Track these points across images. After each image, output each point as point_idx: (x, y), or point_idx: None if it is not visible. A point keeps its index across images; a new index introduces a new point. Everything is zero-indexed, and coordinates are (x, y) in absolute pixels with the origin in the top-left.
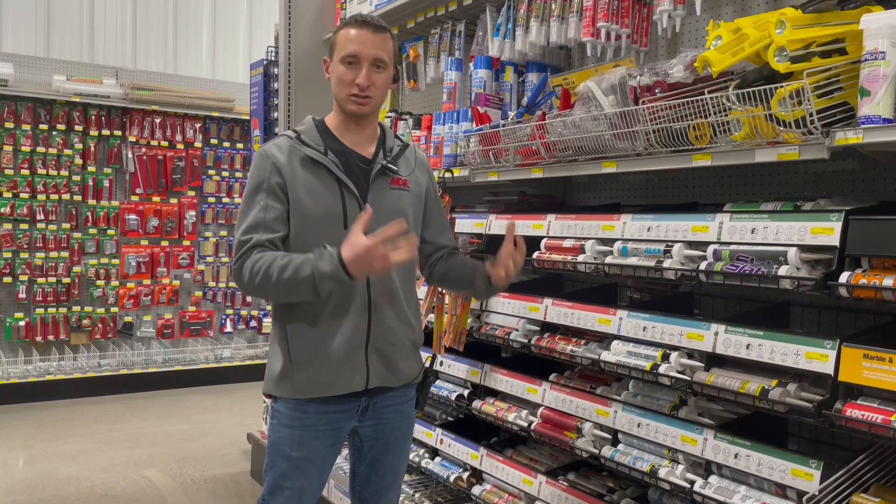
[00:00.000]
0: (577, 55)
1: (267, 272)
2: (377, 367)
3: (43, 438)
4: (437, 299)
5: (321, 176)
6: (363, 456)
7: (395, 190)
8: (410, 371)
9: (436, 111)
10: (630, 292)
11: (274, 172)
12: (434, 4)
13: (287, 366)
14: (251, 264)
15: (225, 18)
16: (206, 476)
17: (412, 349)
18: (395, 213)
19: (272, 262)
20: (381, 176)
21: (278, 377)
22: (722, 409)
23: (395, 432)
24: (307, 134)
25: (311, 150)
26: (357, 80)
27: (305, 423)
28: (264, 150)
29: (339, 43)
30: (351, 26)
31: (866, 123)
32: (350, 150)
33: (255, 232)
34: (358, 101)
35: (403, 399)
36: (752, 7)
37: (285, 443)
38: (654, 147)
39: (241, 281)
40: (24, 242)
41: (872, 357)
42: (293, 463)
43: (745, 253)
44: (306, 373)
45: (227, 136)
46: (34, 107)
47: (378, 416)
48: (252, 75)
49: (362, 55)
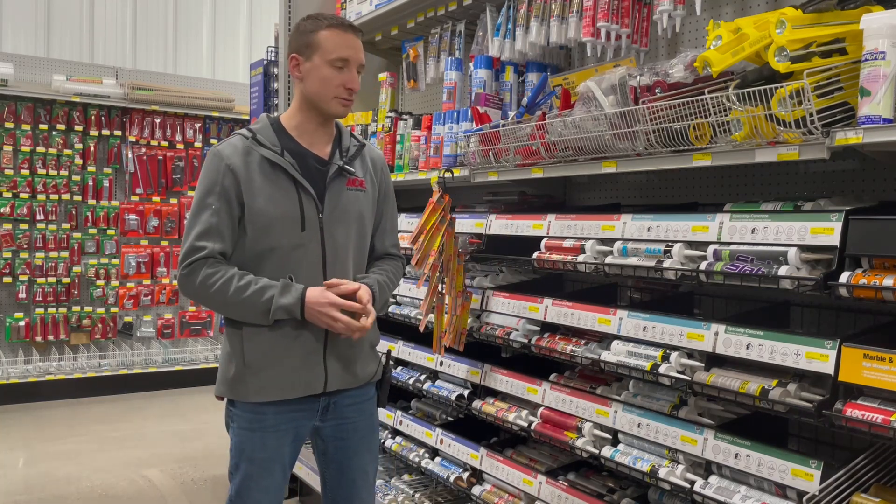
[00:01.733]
0: (577, 55)
1: (223, 287)
2: (336, 370)
3: (43, 438)
4: (436, 299)
5: (278, 177)
6: (329, 459)
7: (352, 191)
8: (368, 371)
9: (436, 111)
10: (630, 292)
11: (227, 174)
12: (434, 4)
13: (241, 369)
14: (206, 275)
15: (225, 18)
16: (206, 476)
17: (369, 349)
18: (351, 214)
19: (231, 278)
20: (337, 177)
21: (232, 380)
22: (722, 409)
23: (360, 431)
24: (263, 133)
25: (267, 151)
26: (348, 84)
27: (266, 424)
28: (217, 150)
29: (324, 45)
30: (337, 28)
31: (866, 123)
32: (306, 151)
33: (206, 239)
34: (346, 104)
35: (364, 397)
36: (752, 7)
37: (248, 445)
38: (654, 147)
39: (189, 286)
40: (24, 242)
41: (872, 357)
42: (257, 464)
43: (745, 253)
44: (261, 377)
45: (227, 136)
46: (34, 107)
47: (340, 416)
48: (252, 75)
49: (353, 60)
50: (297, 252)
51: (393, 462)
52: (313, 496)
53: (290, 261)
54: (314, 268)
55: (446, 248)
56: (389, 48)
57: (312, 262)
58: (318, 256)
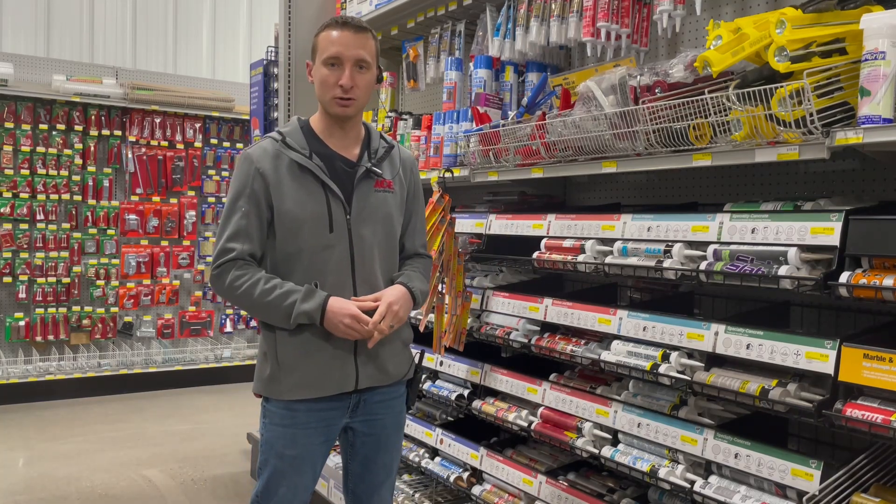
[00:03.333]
0: (577, 55)
1: (249, 290)
2: (367, 368)
3: (43, 438)
4: (437, 299)
5: (306, 180)
6: (356, 452)
7: (380, 192)
8: (400, 370)
9: (436, 111)
10: (630, 292)
11: (256, 178)
12: (434, 4)
13: (275, 369)
14: (234, 276)
15: (225, 18)
16: (206, 476)
17: (402, 347)
18: (379, 215)
19: (257, 281)
20: (365, 178)
21: (267, 379)
22: (722, 409)
23: (388, 428)
24: (292, 136)
25: (296, 154)
26: (340, 82)
27: (297, 421)
28: (248, 154)
29: (320, 45)
30: (332, 28)
31: (866, 123)
32: (334, 154)
33: (237, 241)
34: (342, 104)
35: (394, 395)
36: (752, 7)
37: (279, 442)
38: (654, 147)
39: (220, 286)
40: (24, 242)
41: (872, 357)
42: (287, 461)
43: (745, 253)
44: (294, 376)
45: (227, 136)
46: (34, 107)
47: (369, 412)
48: (252, 75)
49: (344, 56)
50: (326, 253)
51: None
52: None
53: (319, 262)
54: (343, 268)
55: (446, 248)
56: (389, 48)
57: (341, 263)
58: (347, 257)
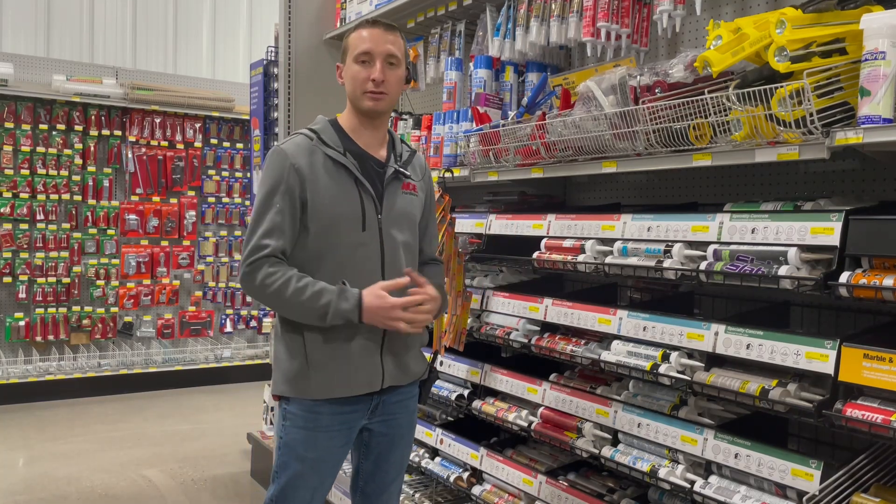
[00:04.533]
0: (577, 55)
1: (281, 288)
2: (391, 368)
3: (43, 438)
4: None
5: (341, 177)
6: (370, 451)
7: (406, 194)
8: (419, 369)
9: (436, 111)
10: (630, 292)
11: (292, 173)
12: (434, 4)
13: (303, 366)
14: (266, 274)
15: (225, 18)
16: (206, 476)
17: (419, 347)
18: (406, 216)
19: (289, 279)
20: (394, 179)
21: (294, 377)
22: (722, 409)
23: (402, 427)
24: (325, 133)
25: (331, 151)
26: (372, 76)
27: (319, 423)
28: (282, 149)
29: (351, 44)
30: (362, 27)
31: (866, 123)
32: (365, 153)
33: (271, 237)
34: (374, 97)
35: (410, 395)
36: (752, 7)
37: (299, 444)
38: (654, 147)
39: (250, 284)
40: (24, 242)
41: (872, 357)
42: (307, 464)
43: (745, 253)
44: (324, 373)
45: (227, 136)
46: (34, 107)
47: (387, 413)
48: (252, 75)
49: (375, 51)
50: (358, 251)
51: None
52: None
53: (350, 259)
54: (373, 267)
55: (446, 248)
56: None
57: (372, 262)
58: (378, 256)
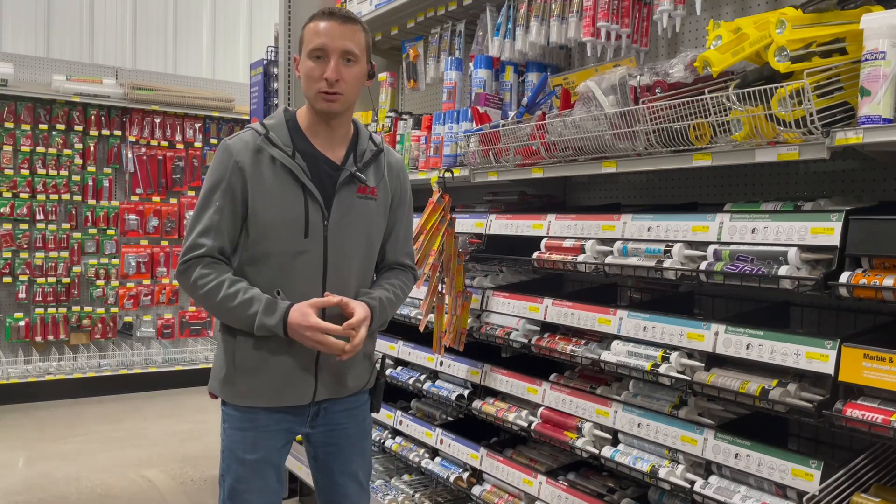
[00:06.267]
0: (577, 55)
1: (212, 291)
2: (326, 381)
3: (43, 438)
4: (436, 299)
5: (286, 180)
6: (319, 464)
7: (362, 199)
8: (359, 382)
9: (436, 111)
10: (630, 292)
11: (234, 171)
12: (434, 4)
13: (231, 371)
14: (199, 275)
15: (225, 18)
16: (206, 476)
17: (362, 359)
18: (359, 223)
19: (221, 283)
20: (348, 184)
21: (222, 381)
22: (722, 409)
23: (351, 437)
24: (276, 131)
25: (278, 152)
26: (325, 75)
27: (257, 424)
28: (228, 144)
29: (306, 37)
30: (318, 19)
31: (866, 123)
32: (319, 154)
33: (207, 237)
34: (328, 98)
35: (357, 404)
36: (752, 7)
37: (238, 446)
38: (654, 147)
39: (184, 282)
40: (23, 242)
41: (872, 357)
42: (248, 466)
43: (745, 253)
44: (250, 381)
45: (226, 135)
46: (34, 107)
47: (331, 422)
48: (252, 75)
49: (330, 48)
50: (298, 258)
51: (393, 462)
52: (314, 496)
53: (289, 266)
54: (314, 276)
55: (446, 248)
56: (389, 48)
57: (312, 270)
58: (319, 264)
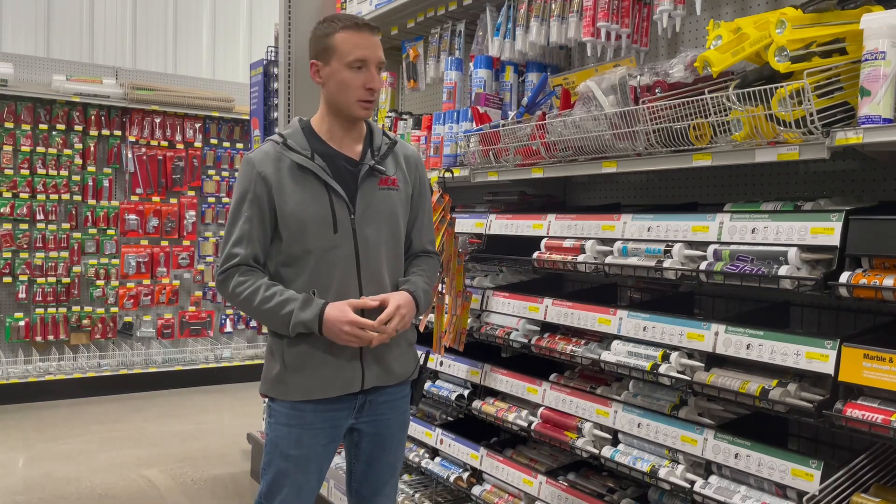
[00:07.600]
0: (577, 55)
1: (250, 296)
2: (373, 369)
3: (43, 438)
4: (437, 299)
5: (309, 181)
6: (360, 452)
7: (384, 190)
8: (405, 370)
9: (436, 111)
10: (630, 292)
11: (258, 182)
12: (434, 4)
13: (282, 370)
14: (237, 283)
15: (225, 18)
16: (206, 476)
17: (407, 347)
18: (384, 214)
19: (258, 288)
20: (369, 177)
21: (274, 380)
22: (722, 409)
23: (392, 428)
24: (293, 138)
25: (297, 156)
26: (370, 85)
27: (304, 421)
28: (250, 158)
29: (340, 48)
30: (350, 29)
31: (866, 123)
32: (337, 153)
33: (240, 246)
34: (366, 106)
35: (399, 395)
36: (752, 7)
37: (283, 441)
38: (655, 147)
39: (224, 291)
40: (23, 242)
41: (872, 357)
42: (292, 461)
43: (745, 253)
44: (300, 377)
45: (227, 135)
46: (34, 107)
47: (375, 413)
48: (252, 75)
49: (370, 59)
50: (331, 254)
51: None
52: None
53: (324, 263)
54: (348, 269)
55: (446, 248)
56: (389, 48)
57: (346, 264)
58: (352, 257)
